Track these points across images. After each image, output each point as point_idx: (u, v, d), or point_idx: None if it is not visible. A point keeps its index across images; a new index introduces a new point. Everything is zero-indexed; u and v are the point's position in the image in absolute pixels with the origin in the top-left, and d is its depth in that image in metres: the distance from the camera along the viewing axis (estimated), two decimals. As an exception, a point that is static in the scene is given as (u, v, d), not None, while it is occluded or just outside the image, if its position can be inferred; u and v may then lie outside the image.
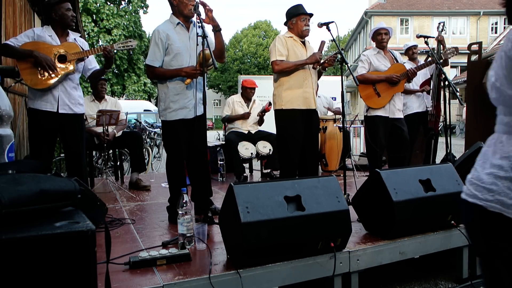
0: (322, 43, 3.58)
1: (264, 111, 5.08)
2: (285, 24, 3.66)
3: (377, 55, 4.09)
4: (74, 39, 3.23)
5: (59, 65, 3.03)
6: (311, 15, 3.58)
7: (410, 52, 4.98)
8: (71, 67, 3.07)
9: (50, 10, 3.13)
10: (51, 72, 2.98)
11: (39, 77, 2.98)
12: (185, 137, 2.97)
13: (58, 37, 3.13)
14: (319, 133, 4.53)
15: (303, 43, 3.60)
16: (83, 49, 3.17)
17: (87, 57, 3.19)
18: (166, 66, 2.92)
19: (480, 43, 5.39)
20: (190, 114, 2.94)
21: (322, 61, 3.56)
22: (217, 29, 2.92)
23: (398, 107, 4.08)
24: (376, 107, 4.00)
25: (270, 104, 4.91)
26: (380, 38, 4.06)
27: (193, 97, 2.92)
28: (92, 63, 3.35)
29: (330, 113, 5.84)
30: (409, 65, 4.43)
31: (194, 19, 2.94)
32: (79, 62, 3.15)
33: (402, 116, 4.15)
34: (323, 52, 3.65)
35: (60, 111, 3.09)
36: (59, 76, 3.03)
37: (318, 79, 3.75)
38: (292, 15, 3.55)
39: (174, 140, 2.96)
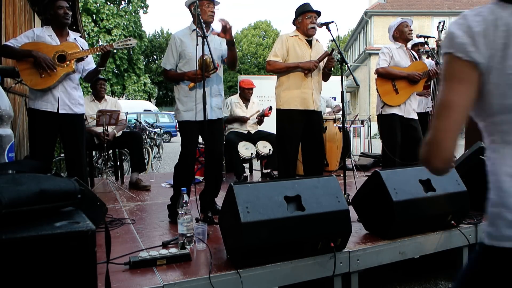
0: (325, 53, 3.45)
1: (263, 116, 5.09)
2: (293, 23, 3.61)
3: (399, 49, 3.93)
4: (75, 39, 3.23)
5: (59, 65, 3.03)
6: (317, 13, 3.49)
7: (416, 48, 4.84)
8: (71, 67, 3.07)
9: (45, 9, 3.14)
10: (50, 72, 2.98)
11: (39, 77, 2.98)
12: (194, 138, 3.07)
13: (58, 37, 3.13)
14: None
15: (309, 42, 3.53)
16: (83, 49, 3.16)
17: (86, 56, 3.19)
18: (179, 70, 3.05)
19: (480, 43, 5.37)
20: (198, 117, 2.96)
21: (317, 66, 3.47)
22: (231, 44, 2.99)
23: (413, 106, 3.94)
24: (393, 105, 3.85)
25: (270, 108, 4.91)
26: (408, 29, 3.87)
27: (201, 101, 2.93)
28: (90, 64, 3.34)
29: (328, 109, 5.84)
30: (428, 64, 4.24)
31: (213, 26, 3.09)
32: (78, 62, 3.14)
33: (417, 117, 4.00)
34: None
35: (60, 111, 3.08)
36: (59, 76, 3.03)
37: (326, 80, 3.66)
38: (298, 13, 3.52)
39: (183, 139, 3.09)
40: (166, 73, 3.11)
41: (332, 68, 3.61)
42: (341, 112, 3.59)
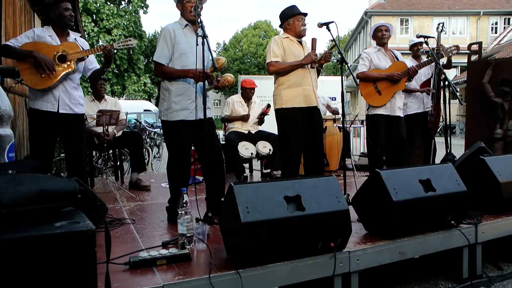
0: (313, 40, 3.50)
1: (263, 114, 5.09)
2: (281, 26, 3.66)
3: (377, 52, 4.10)
4: (75, 39, 3.23)
5: (59, 65, 3.03)
6: (306, 14, 3.57)
7: (415, 48, 4.90)
8: (71, 67, 3.07)
9: (48, 9, 3.13)
10: (49, 73, 2.98)
11: (39, 77, 2.98)
12: (189, 138, 2.98)
13: (58, 37, 3.13)
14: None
15: (300, 42, 3.59)
16: (83, 49, 3.16)
17: (87, 56, 3.19)
18: (170, 65, 2.95)
19: (480, 43, 5.40)
20: (191, 116, 2.93)
21: (318, 58, 3.53)
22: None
23: (398, 105, 4.07)
24: (377, 105, 4.00)
25: (268, 106, 4.91)
26: (381, 34, 4.06)
27: (195, 99, 2.93)
28: (93, 63, 3.35)
29: (328, 113, 5.84)
30: (410, 63, 4.44)
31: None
32: (79, 62, 3.14)
33: (402, 115, 4.15)
34: (321, 50, 3.65)
35: (60, 111, 3.08)
36: (59, 76, 3.03)
37: (317, 77, 3.73)
38: (288, 15, 3.56)
39: (177, 140, 2.97)
40: (161, 68, 2.93)
41: (323, 66, 3.72)
42: (341, 112, 3.61)
